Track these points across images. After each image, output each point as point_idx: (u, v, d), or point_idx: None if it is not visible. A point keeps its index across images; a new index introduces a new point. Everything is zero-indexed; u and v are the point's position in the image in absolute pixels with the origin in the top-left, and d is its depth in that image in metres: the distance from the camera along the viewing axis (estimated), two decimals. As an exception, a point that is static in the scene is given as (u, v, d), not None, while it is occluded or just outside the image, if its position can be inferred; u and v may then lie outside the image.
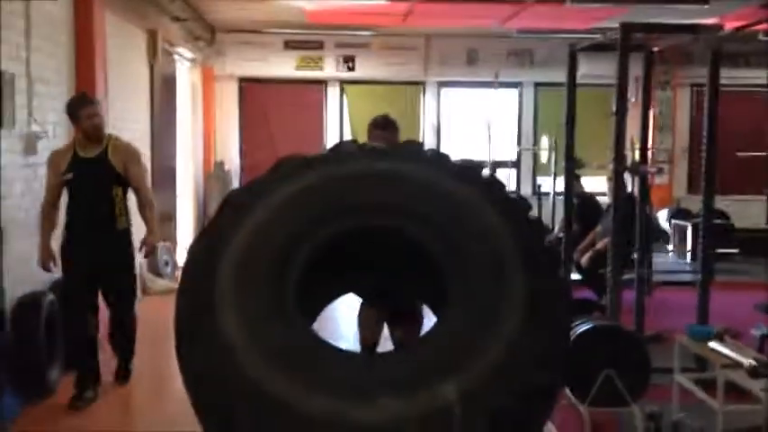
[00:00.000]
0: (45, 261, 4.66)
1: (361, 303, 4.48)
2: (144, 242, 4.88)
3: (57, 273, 4.82)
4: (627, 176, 6.52)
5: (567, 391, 4.28)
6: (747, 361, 3.23)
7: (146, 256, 5.10)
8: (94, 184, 4.61)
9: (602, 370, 4.02)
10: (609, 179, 5.84)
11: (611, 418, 4.28)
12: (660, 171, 11.08)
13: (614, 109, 4.98)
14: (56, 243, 4.75)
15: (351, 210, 3.00)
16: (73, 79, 5.65)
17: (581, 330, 4.31)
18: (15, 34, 4.69)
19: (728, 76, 11.32)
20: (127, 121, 7.04)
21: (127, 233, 4.78)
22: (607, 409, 4.12)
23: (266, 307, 2.65)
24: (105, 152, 4.63)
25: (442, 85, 12.25)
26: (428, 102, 12.26)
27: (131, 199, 4.90)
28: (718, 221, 9.92)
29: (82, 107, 4.62)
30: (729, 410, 3.88)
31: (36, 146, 4.89)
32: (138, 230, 5.02)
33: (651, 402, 4.34)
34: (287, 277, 2.79)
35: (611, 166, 5.13)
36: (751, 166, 10.99)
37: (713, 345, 3.69)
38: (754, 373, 3.20)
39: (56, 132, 5.25)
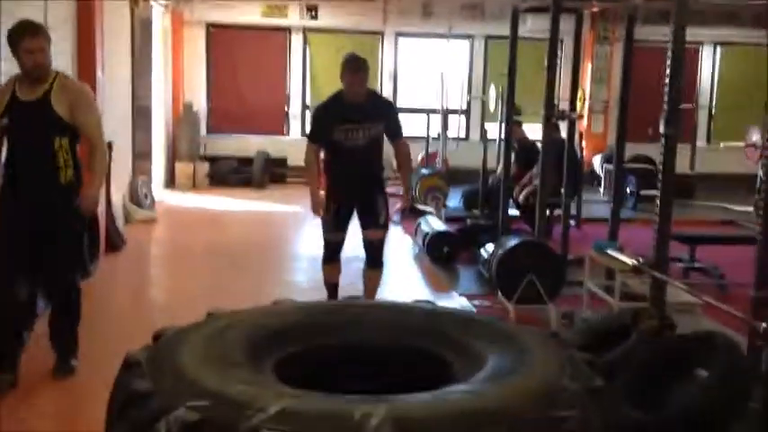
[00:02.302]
0: None
1: (323, 261, 5.08)
2: (81, 194, 4.01)
3: None
4: (562, 124, 7.53)
5: (499, 292, 5.29)
6: (632, 261, 4.22)
7: (81, 208, 4.04)
8: (33, 132, 3.86)
9: (525, 275, 5.02)
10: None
11: (533, 315, 5.28)
12: (581, 117, 12.03)
13: (546, 64, 5.88)
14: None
15: None
16: (75, 27, 6.34)
17: (511, 245, 5.30)
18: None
19: (660, 33, 12.49)
20: (112, 63, 7.72)
21: (73, 188, 3.96)
22: (529, 306, 5.13)
23: None
24: (48, 95, 3.82)
25: (399, 35, 13.05)
26: (386, 51, 13.06)
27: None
28: (645, 166, 11.05)
29: (21, 38, 3.77)
30: (625, 307, 4.89)
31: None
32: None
33: (567, 307, 5.40)
34: None
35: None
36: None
37: (610, 252, 4.68)
38: (637, 270, 4.19)
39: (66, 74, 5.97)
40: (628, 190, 11.09)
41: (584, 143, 12.55)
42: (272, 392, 2.11)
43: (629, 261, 4.18)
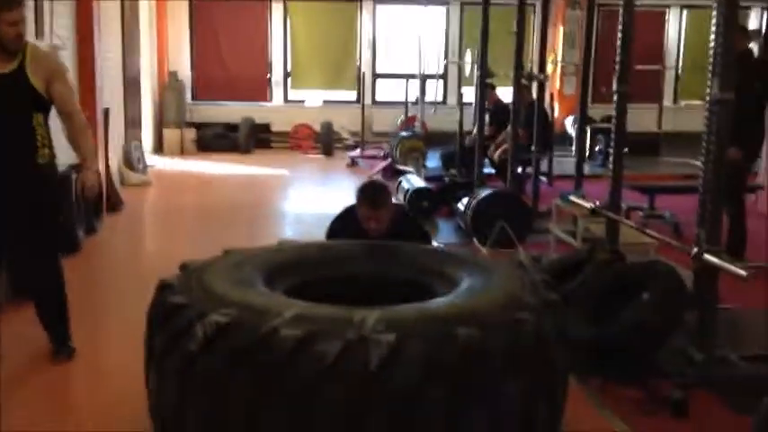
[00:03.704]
0: None
1: None
2: (81, 180, 3.77)
3: None
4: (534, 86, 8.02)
5: (474, 239, 5.82)
6: (590, 204, 4.74)
7: (85, 199, 4.08)
8: (10, 108, 3.55)
9: (497, 222, 5.54)
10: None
11: (505, 258, 5.81)
12: (546, 78, 12.50)
13: (515, 28, 6.36)
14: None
15: None
16: (74, 4, 6.73)
17: (484, 194, 5.82)
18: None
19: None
20: (105, 36, 8.09)
21: (50, 168, 3.71)
22: (501, 250, 5.66)
23: None
24: (22, 67, 3.54)
25: (377, 2, 13.44)
26: (365, 18, 13.45)
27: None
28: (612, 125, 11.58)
29: (6, 8, 3.49)
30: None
31: (58, 54, 6.00)
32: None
33: (536, 252, 5.93)
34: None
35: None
36: (647, 77, 12.72)
37: (572, 198, 5.20)
38: (594, 212, 4.72)
39: (67, 44, 6.39)
40: (597, 148, 11.65)
41: (556, 105, 13.10)
42: (287, 303, 2.62)
43: (588, 205, 4.71)
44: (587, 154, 11.38)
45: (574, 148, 12.18)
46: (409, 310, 2.59)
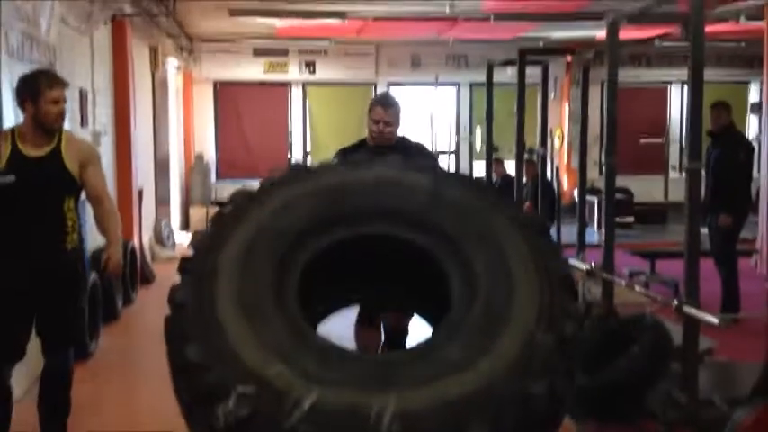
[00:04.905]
0: None
1: (357, 322, 4.21)
2: (107, 257, 3.73)
3: None
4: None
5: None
6: (586, 266, 5.16)
7: (105, 273, 3.91)
8: (42, 193, 3.48)
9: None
10: (525, 162, 7.82)
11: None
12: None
13: (515, 109, 6.91)
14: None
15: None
16: (112, 88, 7.39)
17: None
18: (84, 58, 6.43)
19: (633, 74, 13.63)
20: (140, 120, 8.75)
21: (77, 255, 3.66)
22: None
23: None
24: (58, 151, 3.52)
25: (390, 85, 14.16)
26: (379, 100, 14.15)
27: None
28: (620, 196, 12.07)
29: (51, 85, 3.50)
30: (587, 309, 5.83)
31: (100, 140, 6.61)
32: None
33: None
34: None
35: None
36: (654, 150, 13.27)
37: (572, 261, 5.61)
38: (590, 273, 5.14)
39: (107, 130, 7.01)
40: (604, 218, 12.09)
41: (565, 177, 13.64)
42: (307, 374, 2.44)
43: (584, 266, 5.13)
44: (597, 224, 11.84)
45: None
46: (423, 399, 2.42)
